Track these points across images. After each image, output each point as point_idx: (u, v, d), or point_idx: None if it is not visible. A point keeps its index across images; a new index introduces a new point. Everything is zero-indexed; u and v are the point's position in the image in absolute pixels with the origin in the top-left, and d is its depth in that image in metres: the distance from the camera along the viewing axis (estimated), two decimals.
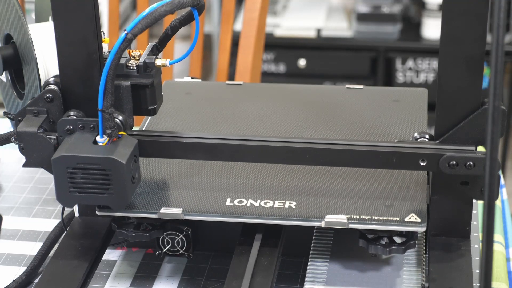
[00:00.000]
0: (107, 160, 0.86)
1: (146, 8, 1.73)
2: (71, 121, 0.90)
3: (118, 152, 0.87)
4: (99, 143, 0.89)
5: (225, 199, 0.91)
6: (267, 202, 0.91)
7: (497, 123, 0.64)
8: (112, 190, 0.88)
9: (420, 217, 0.87)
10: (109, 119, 0.88)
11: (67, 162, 0.87)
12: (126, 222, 0.93)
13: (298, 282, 0.95)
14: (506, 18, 1.22)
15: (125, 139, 0.89)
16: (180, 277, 0.97)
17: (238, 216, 0.89)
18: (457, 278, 0.87)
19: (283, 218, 0.89)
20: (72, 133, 0.90)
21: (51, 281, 0.89)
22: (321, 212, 0.89)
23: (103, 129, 0.88)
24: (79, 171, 0.87)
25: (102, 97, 0.87)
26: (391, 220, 0.87)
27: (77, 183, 0.88)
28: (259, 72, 1.65)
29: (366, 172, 0.95)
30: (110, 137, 0.88)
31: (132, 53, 0.95)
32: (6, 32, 1.05)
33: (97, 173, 0.87)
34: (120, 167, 0.86)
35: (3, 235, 1.06)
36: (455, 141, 0.88)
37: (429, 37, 2.57)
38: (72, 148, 0.88)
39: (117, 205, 0.89)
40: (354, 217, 0.88)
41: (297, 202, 0.91)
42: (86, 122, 0.90)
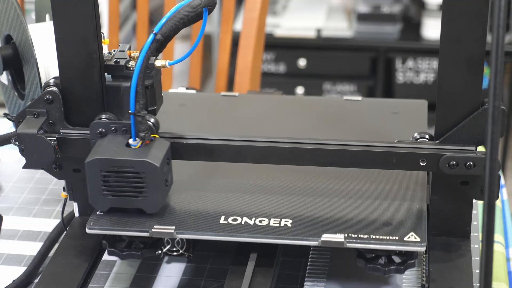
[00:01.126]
0: (141, 163, 0.86)
1: (146, 8, 1.73)
2: (103, 124, 0.90)
3: (151, 155, 0.87)
4: (132, 146, 0.88)
5: (219, 216, 0.89)
6: (262, 220, 0.88)
7: (497, 123, 0.64)
8: (146, 193, 0.87)
9: (420, 236, 0.85)
10: (142, 121, 0.88)
11: (101, 165, 0.87)
12: (117, 240, 0.91)
13: (298, 282, 0.95)
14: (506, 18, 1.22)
15: (158, 142, 0.89)
16: (180, 277, 0.97)
17: (233, 235, 0.87)
18: (457, 278, 0.87)
19: (279, 237, 0.86)
20: (104, 136, 0.90)
21: (51, 281, 0.89)
22: (317, 230, 0.86)
23: (136, 132, 0.88)
24: (113, 174, 0.87)
25: (134, 100, 0.87)
26: (390, 240, 0.85)
27: (110, 186, 0.88)
28: (259, 72, 1.65)
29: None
30: (143, 139, 0.88)
31: (132, 54, 0.95)
32: (6, 33, 1.05)
33: (130, 176, 0.87)
34: (154, 170, 0.86)
35: (3, 235, 1.06)
36: (455, 141, 0.88)
37: (429, 37, 2.57)
38: (106, 151, 0.87)
39: (150, 208, 0.89)
40: (352, 236, 0.85)
41: (292, 220, 0.88)
42: (119, 125, 0.90)
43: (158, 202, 0.88)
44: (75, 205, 0.98)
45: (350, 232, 0.86)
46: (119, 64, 0.93)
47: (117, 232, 0.89)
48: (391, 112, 1.05)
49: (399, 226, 0.87)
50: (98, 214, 0.90)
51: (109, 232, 0.89)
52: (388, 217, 0.89)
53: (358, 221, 0.88)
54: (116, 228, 0.88)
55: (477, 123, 0.87)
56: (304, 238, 0.86)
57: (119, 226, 0.88)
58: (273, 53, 2.62)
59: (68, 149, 0.92)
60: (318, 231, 0.86)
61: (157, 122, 0.90)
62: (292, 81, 2.64)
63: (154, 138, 0.89)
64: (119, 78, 0.94)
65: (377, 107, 1.07)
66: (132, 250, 0.90)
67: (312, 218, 0.89)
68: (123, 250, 0.90)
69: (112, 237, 0.90)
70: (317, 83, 2.63)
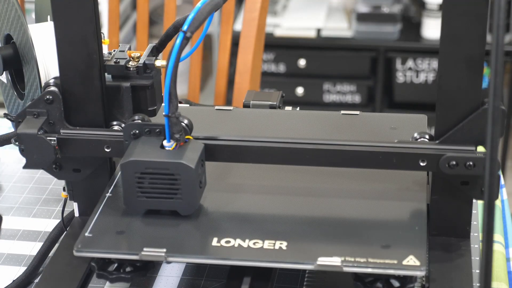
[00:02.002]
0: (176, 165, 0.86)
1: (146, 8, 1.73)
2: (137, 125, 0.90)
3: (186, 157, 0.86)
4: (166, 148, 0.88)
5: (212, 238, 0.86)
6: (256, 243, 0.85)
7: (497, 123, 0.64)
8: (180, 195, 0.87)
9: (419, 259, 0.82)
10: (176, 123, 0.87)
11: (136, 167, 0.87)
12: (106, 262, 0.89)
13: (298, 282, 0.95)
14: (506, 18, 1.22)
15: (192, 143, 0.89)
16: (180, 277, 0.97)
17: (225, 258, 0.84)
18: (457, 278, 0.87)
19: (273, 260, 0.84)
20: (138, 137, 0.90)
21: (51, 281, 0.89)
22: (313, 253, 0.84)
23: (170, 134, 0.88)
24: (147, 176, 0.87)
25: (168, 102, 0.86)
26: (388, 263, 0.82)
27: (145, 188, 0.87)
28: (259, 72, 1.65)
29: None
30: (178, 141, 0.88)
31: (132, 54, 0.95)
32: (6, 33, 1.05)
33: (165, 178, 0.87)
34: (189, 171, 0.86)
35: (3, 235, 1.06)
36: (455, 141, 0.88)
37: (429, 37, 2.57)
38: (141, 153, 0.87)
39: (185, 210, 0.88)
40: (349, 259, 0.82)
41: (288, 242, 0.85)
42: (153, 127, 0.89)
43: (193, 204, 0.88)
44: (75, 205, 0.98)
45: (347, 254, 0.83)
46: (119, 64, 0.93)
47: (106, 255, 0.87)
48: (389, 127, 1.02)
49: (398, 247, 0.84)
50: (86, 236, 0.87)
51: (98, 255, 0.87)
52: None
53: (356, 237, 0.86)
54: (104, 251, 0.86)
55: (477, 123, 0.87)
56: (300, 262, 0.83)
57: (108, 249, 0.86)
58: (273, 53, 2.63)
59: (68, 149, 0.92)
60: (314, 254, 0.84)
61: (191, 123, 0.90)
62: (292, 81, 2.64)
63: (188, 140, 0.89)
64: (119, 78, 0.94)
65: (375, 122, 1.04)
66: (122, 273, 0.88)
67: (308, 240, 0.86)
68: (112, 273, 0.88)
69: (100, 259, 0.88)
70: (317, 83, 2.63)
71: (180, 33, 0.85)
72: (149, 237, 0.88)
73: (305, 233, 0.87)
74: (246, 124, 1.04)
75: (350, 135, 1.01)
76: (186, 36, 0.85)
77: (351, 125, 1.04)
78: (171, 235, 0.88)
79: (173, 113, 0.87)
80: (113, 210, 0.92)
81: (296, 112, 1.09)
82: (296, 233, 0.87)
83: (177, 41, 0.85)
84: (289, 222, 0.89)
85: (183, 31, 0.85)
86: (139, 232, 0.88)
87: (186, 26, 0.85)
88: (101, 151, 0.92)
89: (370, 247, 0.84)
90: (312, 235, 0.87)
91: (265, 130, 1.02)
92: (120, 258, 0.87)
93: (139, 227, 0.89)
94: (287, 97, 2.46)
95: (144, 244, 0.86)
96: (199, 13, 0.86)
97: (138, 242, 0.87)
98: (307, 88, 2.64)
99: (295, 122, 1.05)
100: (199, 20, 0.86)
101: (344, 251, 0.84)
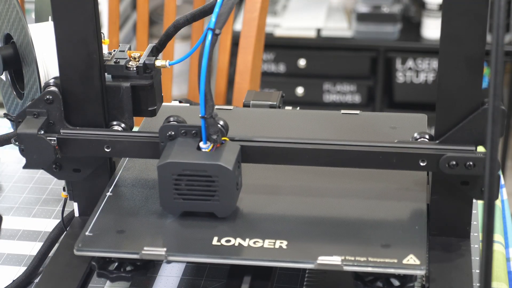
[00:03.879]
0: (214, 167, 0.86)
1: (146, 8, 1.73)
2: (173, 127, 0.89)
3: (224, 158, 0.86)
4: (203, 149, 0.88)
5: (212, 237, 0.86)
6: (256, 242, 0.86)
7: (497, 123, 0.64)
8: (218, 197, 0.87)
9: (419, 258, 0.83)
10: (213, 124, 0.87)
11: (173, 169, 0.86)
12: (107, 261, 0.89)
13: (298, 282, 0.95)
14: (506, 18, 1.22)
15: (229, 145, 0.88)
16: (180, 277, 0.97)
17: (225, 257, 0.84)
18: (457, 278, 0.87)
19: (273, 259, 0.84)
20: (174, 139, 0.89)
21: (51, 281, 0.89)
22: (313, 252, 0.84)
23: (207, 135, 0.87)
24: (184, 178, 0.87)
25: (204, 104, 0.86)
26: (388, 262, 0.82)
27: (182, 190, 0.87)
28: (259, 72, 1.65)
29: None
30: (215, 142, 0.88)
31: (132, 54, 0.95)
32: (6, 32, 1.05)
33: (202, 180, 0.86)
34: (227, 173, 0.86)
35: (3, 235, 1.06)
36: (455, 141, 0.88)
37: (429, 37, 2.57)
38: (177, 155, 0.87)
39: (222, 212, 0.88)
40: (349, 258, 0.83)
41: (288, 241, 0.86)
42: (189, 128, 0.89)
43: (230, 206, 0.88)
44: (75, 205, 0.98)
45: (347, 253, 0.83)
46: (119, 64, 0.93)
47: (106, 254, 0.87)
48: (389, 127, 1.03)
49: (398, 246, 0.84)
50: (86, 235, 0.87)
51: (98, 254, 0.87)
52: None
53: (356, 236, 0.86)
54: (105, 250, 0.86)
55: (477, 123, 0.87)
56: (300, 261, 0.83)
57: (108, 248, 0.86)
58: (273, 53, 2.62)
59: (68, 149, 0.92)
60: (314, 253, 0.84)
61: (226, 124, 0.90)
62: (292, 81, 2.64)
63: (224, 141, 0.89)
64: (119, 78, 0.94)
65: (375, 121, 1.05)
66: (122, 272, 0.88)
67: (308, 239, 0.86)
68: (113, 273, 0.88)
69: (101, 258, 0.88)
70: (317, 83, 2.63)
71: (208, 31, 0.84)
72: (149, 236, 0.87)
73: (305, 232, 0.87)
74: (246, 124, 1.04)
75: (350, 135, 1.01)
76: (215, 33, 0.84)
77: (351, 124, 1.04)
78: (172, 234, 0.88)
79: (209, 114, 0.86)
80: (114, 209, 0.92)
81: (296, 111, 1.09)
82: (296, 233, 0.87)
83: (207, 40, 0.84)
84: (289, 221, 0.89)
85: (211, 28, 0.84)
86: (140, 231, 0.88)
87: (213, 23, 0.84)
88: (101, 151, 0.92)
89: (370, 246, 0.84)
90: (312, 234, 0.87)
91: (265, 129, 1.03)
92: (121, 257, 0.87)
93: (140, 227, 0.89)
94: (287, 97, 2.46)
95: (145, 243, 0.86)
96: (223, 8, 0.85)
97: (139, 241, 0.87)
98: (307, 88, 2.64)
99: (295, 122, 1.05)
100: (225, 15, 0.85)
101: (344, 250, 0.84)
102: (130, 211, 0.91)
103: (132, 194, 0.94)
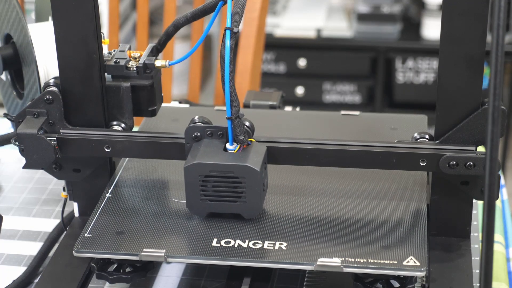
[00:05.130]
0: (241, 168, 0.85)
1: (146, 8, 1.73)
2: (199, 128, 0.89)
3: (251, 160, 0.86)
4: (230, 150, 0.88)
5: (212, 239, 0.86)
6: (256, 243, 0.86)
7: (497, 123, 0.64)
8: (245, 198, 0.87)
9: (419, 260, 0.83)
10: (240, 124, 0.87)
11: (200, 170, 0.86)
12: (106, 262, 0.89)
13: (298, 283, 0.95)
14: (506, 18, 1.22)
15: (255, 146, 0.88)
16: (180, 277, 0.97)
17: (225, 259, 0.84)
18: (457, 278, 0.87)
19: (273, 261, 0.83)
20: (200, 140, 0.89)
21: (51, 281, 0.89)
22: (313, 254, 0.84)
23: (234, 136, 0.87)
24: (211, 179, 0.86)
25: (230, 105, 0.86)
26: (388, 264, 0.82)
27: (208, 191, 0.87)
28: (259, 72, 1.65)
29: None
30: (242, 143, 0.87)
31: (132, 54, 0.95)
32: (6, 32, 1.05)
33: (229, 181, 0.86)
34: (255, 174, 0.85)
35: (3, 235, 1.06)
36: (455, 141, 0.88)
37: (429, 37, 2.57)
38: (204, 156, 0.87)
39: (249, 213, 0.88)
40: (349, 260, 0.82)
41: (287, 242, 0.85)
42: (215, 129, 0.89)
43: (256, 207, 0.87)
44: (75, 205, 0.98)
45: (347, 255, 0.83)
46: (119, 64, 0.93)
47: (106, 256, 0.87)
48: (389, 128, 1.03)
49: (398, 248, 0.84)
50: (86, 236, 0.87)
51: (97, 255, 0.87)
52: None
53: (356, 237, 0.86)
54: (104, 252, 0.86)
55: (477, 123, 0.87)
56: (300, 262, 0.83)
57: (107, 250, 0.86)
58: (273, 53, 2.62)
59: (68, 149, 0.92)
60: (314, 254, 0.84)
61: (252, 125, 0.90)
62: (292, 81, 2.63)
63: (250, 142, 0.89)
64: (119, 78, 0.94)
65: (375, 122, 1.05)
66: (121, 273, 0.88)
67: (308, 240, 0.86)
68: (112, 274, 0.88)
69: (100, 259, 0.88)
70: (317, 83, 2.63)
71: (226, 31, 0.84)
72: (148, 238, 0.87)
73: (305, 233, 0.87)
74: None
75: (350, 136, 1.01)
76: (234, 32, 0.84)
77: (351, 125, 1.04)
78: (171, 235, 0.88)
79: (235, 114, 0.86)
80: (113, 210, 0.92)
81: (296, 112, 1.08)
82: (296, 234, 0.87)
83: (227, 40, 0.84)
84: (288, 222, 0.89)
85: (228, 28, 0.84)
86: (139, 232, 0.88)
87: (229, 23, 0.84)
88: (101, 151, 0.92)
89: (370, 247, 0.84)
90: (312, 236, 0.87)
91: (265, 130, 1.02)
92: (120, 259, 0.87)
93: (139, 228, 0.89)
94: (287, 97, 2.46)
95: (144, 244, 0.86)
96: (235, 8, 0.85)
97: (138, 242, 0.86)
98: (307, 88, 2.64)
99: (294, 123, 1.05)
100: (239, 13, 0.85)
101: (344, 252, 0.84)
102: (130, 212, 0.91)
103: (132, 194, 0.94)
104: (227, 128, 0.88)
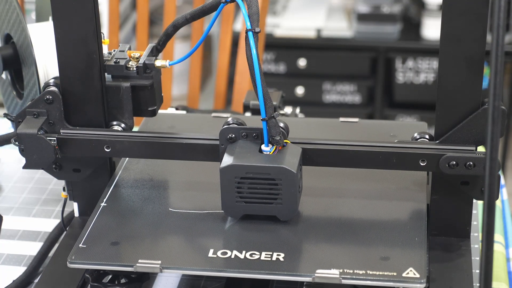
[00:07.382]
0: (278, 169, 0.85)
1: (146, 8, 1.73)
2: (233, 129, 0.89)
3: (287, 161, 0.86)
4: (265, 152, 0.87)
5: (208, 250, 0.85)
6: (253, 254, 0.84)
7: (497, 123, 0.64)
8: (281, 200, 0.86)
9: (419, 271, 0.82)
10: (275, 125, 0.86)
11: (236, 171, 0.86)
12: (101, 273, 0.88)
13: (298, 283, 0.95)
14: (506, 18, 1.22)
15: (290, 147, 0.88)
16: (180, 277, 0.97)
17: (222, 270, 0.83)
18: (457, 278, 0.87)
19: (270, 272, 0.82)
20: (234, 141, 0.89)
21: (51, 281, 0.89)
22: (311, 265, 0.83)
23: (269, 137, 0.87)
24: (247, 181, 0.86)
25: (264, 105, 0.85)
26: (388, 276, 0.81)
27: (244, 193, 0.87)
28: None
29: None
30: (278, 144, 0.87)
31: (132, 54, 0.95)
32: (6, 32, 1.05)
33: (265, 183, 0.86)
34: (291, 176, 0.85)
35: (3, 235, 1.06)
36: (455, 141, 0.88)
37: (429, 37, 2.57)
38: (240, 157, 0.86)
39: (285, 215, 0.87)
40: (347, 271, 0.81)
41: (285, 253, 0.84)
42: (250, 131, 0.89)
43: (292, 209, 0.87)
44: (75, 205, 0.98)
45: (345, 266, 0.82)
46: (119, 64, 0.93)
47: (100, 267, 0.86)
48: (389, 135, 1.02)
49: (397, 259, 0.83)
50: (80, 247, 0.86)
51: (92, 267, 0.86)
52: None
53: (354, 246, 0.85)
54: (99, 263, 0.85)
55: (477, 123, 0.87)
56: (297, 274, 0.82)
57: (102, 261, 0.85)
58: (273, 53, 2.62)
59: (68, 149, 0.92)
60: (312, 266, 0.83)
61: (287, 126, 0.90)
62: (292, 81, 2.63)
63: (285, 144, 0.88)
64: (119, 78, 0.94)
65: (374, 129, 1.04)
66: (116, 285, 0.87)
67: (306, 251, 0.85)
68: (107, 285, 0.87)
69: (95, 271, 0.88)
70: (317, 83, 2.63)
71: (248, 33, 0.84)
72: (143, 249, 0.86)
73: (302, 243, 0.87)
74: None
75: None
76: (256, 32, 0.84)
77: (350, 132, 1.03)
78: (167, 246, 0.87)
79: (270, 115, 0.86)
80: (108, 220, 0.90)
81: (294, 119, 1.08)
82: (293, 244, 0.86)
83: (251, 41, 0.84)
84: (286, 229, 0.88)
85: (249, 30, 0.84)
86: (134, 243, 0.87)
87: (249, 24, 0.84)
88: (101, 151, 0.92)
89: (369, 258, 0.84)
90: (310, 243, 0.86)
91: None
92: (115, 270, 0.86)
93: (134, 238, 0.88)
94: (287, 97, 2.46)
95: (139, 255, 0.85)
96: (251, 9, 0.85)
97: (133, 253, 0.85)
98: (307, 88, 2.64)
99: (292, 129, 1.05)
100: (256, 14, 0.85)
101: (343, 262, 0.83)
102: (125, 222, 0.90)
103: (129, 200, 0.93)
104: (262, 129, 0.87)
